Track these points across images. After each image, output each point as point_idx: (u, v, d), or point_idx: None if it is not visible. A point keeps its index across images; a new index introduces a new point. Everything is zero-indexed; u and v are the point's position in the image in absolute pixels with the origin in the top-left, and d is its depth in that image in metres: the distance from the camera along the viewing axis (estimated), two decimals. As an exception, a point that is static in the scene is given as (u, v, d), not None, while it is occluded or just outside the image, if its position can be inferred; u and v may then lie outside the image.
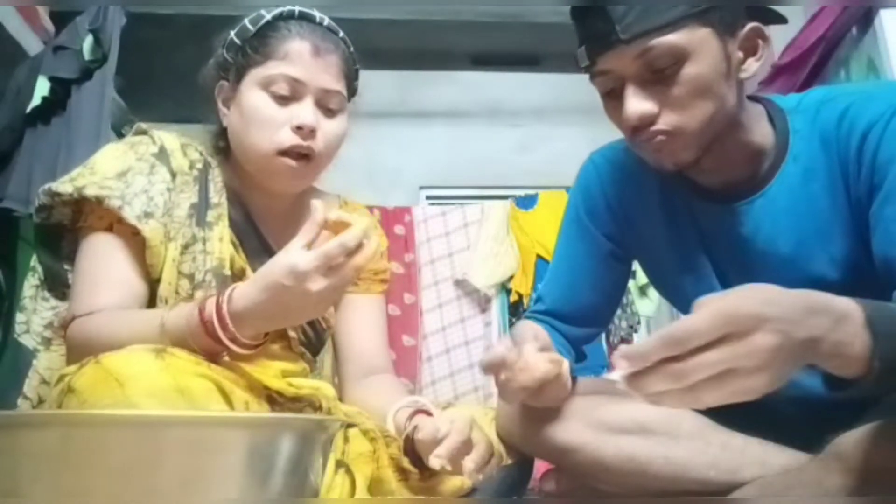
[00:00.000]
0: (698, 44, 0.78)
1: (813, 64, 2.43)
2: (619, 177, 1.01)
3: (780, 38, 2.76)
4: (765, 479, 0.86)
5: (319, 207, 0.84)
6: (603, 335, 3.05)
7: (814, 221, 0.85)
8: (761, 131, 0.87)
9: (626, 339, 3.06)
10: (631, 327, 3.09)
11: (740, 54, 0.82)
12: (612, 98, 0.85)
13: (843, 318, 0.60)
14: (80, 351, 0.88)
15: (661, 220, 0.97)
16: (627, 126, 0.83)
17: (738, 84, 0.83)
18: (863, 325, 0.60)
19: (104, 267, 0.97)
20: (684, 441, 0.90)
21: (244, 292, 0.84)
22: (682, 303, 1.03)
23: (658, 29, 0.77)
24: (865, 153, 0.79)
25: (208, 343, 0.84)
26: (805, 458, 0.85)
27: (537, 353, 0.81)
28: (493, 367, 0.79)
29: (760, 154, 0.87)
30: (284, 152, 1.01)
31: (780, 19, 0.88)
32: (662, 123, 0.81)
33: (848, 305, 0.61)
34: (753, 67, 0.83)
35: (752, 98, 0.90)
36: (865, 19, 2.19)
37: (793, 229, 0.86)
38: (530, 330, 0.86)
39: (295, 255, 0.80)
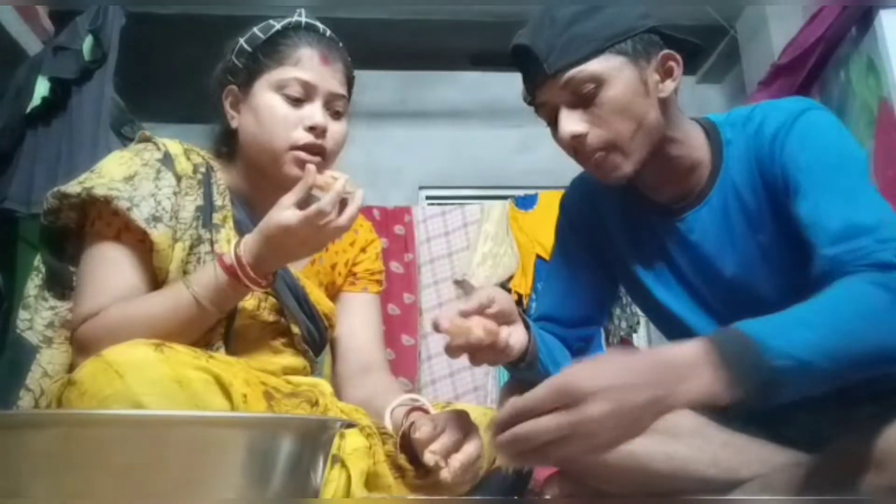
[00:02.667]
0: (613, 70, 0.89)
1: (812, 64, 2.44)
2: (591, 193, 1.09)
3: (780, 38, 2.76)
4: (765, 477, 0.87)
5: (311, 170, 0.96)
6: (603, 335, 3.06)
7: (749, 219, 0.94)
8: (696, 145, 0.96)
9: (626, 340, 3.06)
10: (631, 327, 3.10)
11: (657, 77, 0.92)
12: (555, 127, 0.94)
13: (690, 366, 0.67)
14: (100, 345, 0.87)
15: (625, 233, 1.05)
16: (567, 146, 0.93)
17: (660, 102, 0.92)
18: (714, 363, 0.67)
19: (112, 273, 0.99)
20: (685, 439, 0.91)
21: (249, 246, 0.95)
22: (654, 312, 1.06)
23: (577, 61, 0.89)
24: (776, 154, 0.90)
25: (234, 286, 0.95)
26: (805, 456, 0.86)
27: (475, 318, 0.85)
28: (438, 326, 0.85)
29: (698, 166, 0.96)
30: (298, 148, 1.05)
31: (697, 48, 0.98)
32: (593, 140, 0.91)
33: (694, 351, 0.68)
34: (670, 87, 0.93)
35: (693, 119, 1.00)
36: (865, 19, 2.20)
37: (734, 230, 0.95)
38: (488, 293, 0.88)
39: (286, 214, 0.92)
